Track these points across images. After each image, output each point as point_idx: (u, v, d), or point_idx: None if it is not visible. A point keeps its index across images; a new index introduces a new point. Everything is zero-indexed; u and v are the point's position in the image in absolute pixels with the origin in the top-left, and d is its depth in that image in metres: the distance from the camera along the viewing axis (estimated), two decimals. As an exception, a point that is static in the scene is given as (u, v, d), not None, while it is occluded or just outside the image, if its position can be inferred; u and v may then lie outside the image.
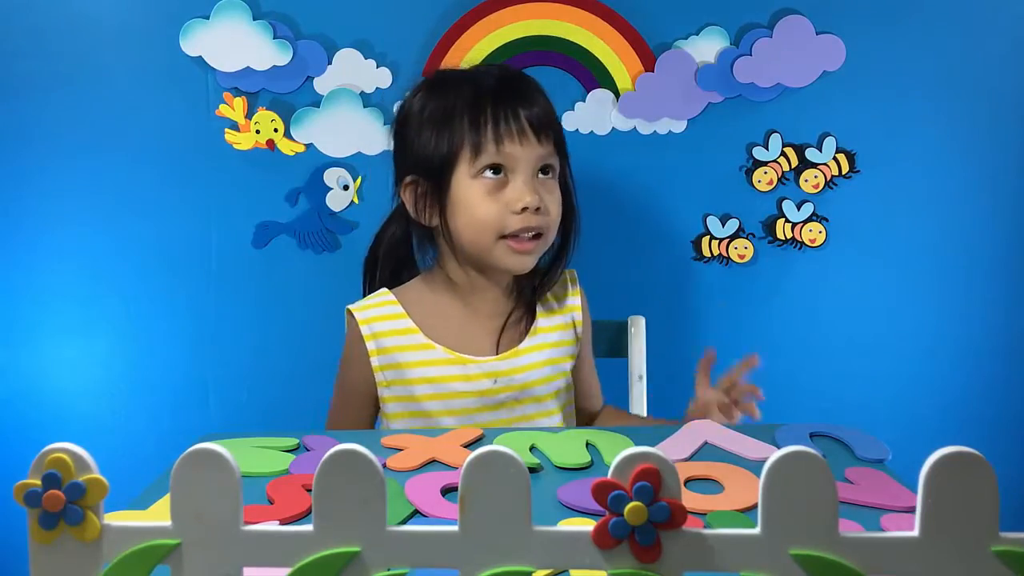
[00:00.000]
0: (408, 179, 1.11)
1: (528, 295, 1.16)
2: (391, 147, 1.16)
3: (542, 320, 1.15)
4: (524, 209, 1.06)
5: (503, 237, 1.07)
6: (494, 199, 1.06)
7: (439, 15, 1.42)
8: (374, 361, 1.12)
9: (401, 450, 0.91)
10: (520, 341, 1.14)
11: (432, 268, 1.17)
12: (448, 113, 1.07)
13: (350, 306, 1.16)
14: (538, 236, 1.08)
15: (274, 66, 1.42)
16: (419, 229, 1.15)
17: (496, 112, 1.06)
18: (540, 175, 1.08)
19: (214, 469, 0.48)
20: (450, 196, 1.08)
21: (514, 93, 1.08)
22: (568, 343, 1.17)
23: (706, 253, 1.48)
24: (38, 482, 0.48)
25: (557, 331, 1.16)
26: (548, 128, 1.09)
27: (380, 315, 1.14)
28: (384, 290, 1.17)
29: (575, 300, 1.18)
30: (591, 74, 1.44)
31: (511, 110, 1.06)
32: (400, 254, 1.19)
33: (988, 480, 0.45)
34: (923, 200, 1.47)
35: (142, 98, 1.44)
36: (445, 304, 1.15)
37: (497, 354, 1.12)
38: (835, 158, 1.45)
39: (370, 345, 1.12)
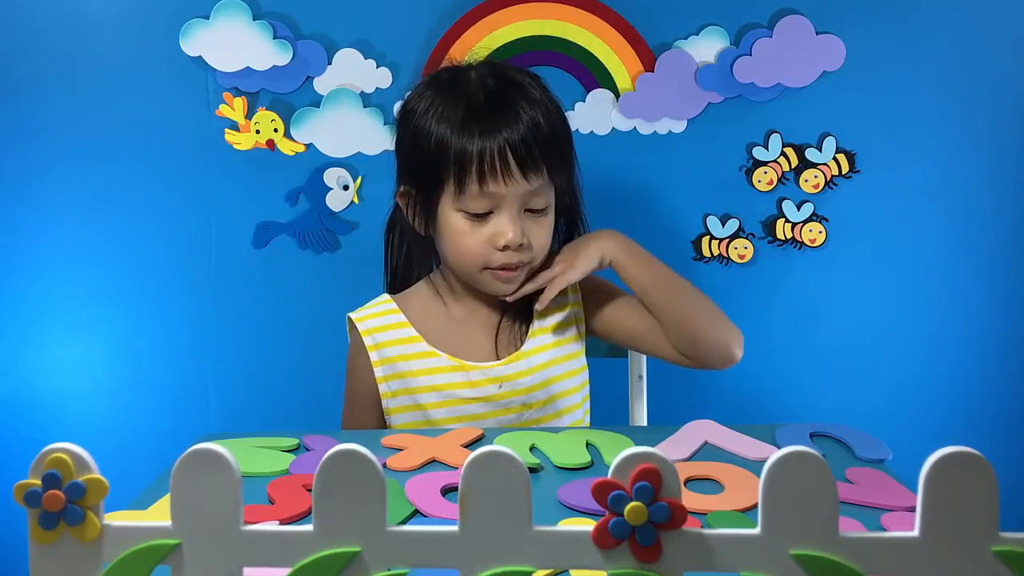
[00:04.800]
0: (402, 188, 1.10)
1: (523, 299, 1.13)
2: (395, 140, 1.14)
3: (539, 321, 1.14)
4: (506, 246, 1.03)
5: (487, 268, 1.06)
6: (477, 232, 1.04)
7: (439, 15, 1.42)
8: (378, 372, 1.11)
9: (401, 450, 0.91)
10: (520, 345, 1.13)
11: (435, 271, 1.16)
12: (440, 136, 1.03)
13: (351, 314, 1.14)
14: (522, 265, 1.07)
15: (274, 66, 1.42)
16: (415, 233, 1.13)
17: (482, 147, 1.01)
18: (527, 212, 1.05)
19: (214, 469, 0.48)
20: (437, 217, 1.06)
21: (502, 119, 1.02)
22: (572, 339, 1.15)
23: (706, 253, 1.48)
24: (38, 482, 0.48)
25: (555, 330, 1.14)
26: (540, 155, 1.03)
27: (382, 324, 1.13)
28: (385, 296, 1.16)
29: (575, 296, 1.16)
30: (591, 74, 1.44)
31: (497, 145, 1.01)
32: (412, 251, 1.17)
33: (988, 480, 0.45)
34: (923, 200, 1.47)
35: (142, 98, 1.44)
36: (445, 310, 1.14)
37: (498, 359, 1.12)
38: (835, 158, 1.45)
39: (373, 356, 1.11)
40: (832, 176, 1.46)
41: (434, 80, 1.11)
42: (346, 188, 1.46)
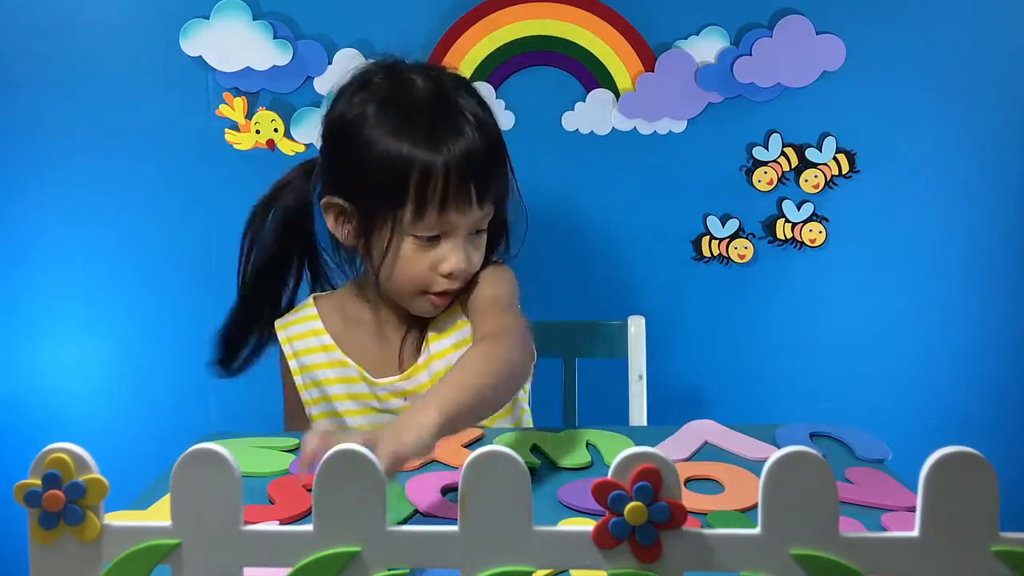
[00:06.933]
0: (336, 200, 1.02)
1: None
2: (320, 137, 1.06)
3: (433, 328, 1.08)
4: (451, 273, 1.01)
5: (425, 292, 1.03)
6: (423, 256, 1.00)
7: (439, 15, 1.42)
8: (297, 380, 1.10)
9: (401, 450, 0.91)
10: (417, 357, 1.07)
11: (360, 277, 1.10)
12: (401, 163, 0.96)
13: (276, 322, 1.12)
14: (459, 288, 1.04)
15: (274, 66, 1.42)
16: (336, 242, 1.07)
17: (447, 186, 0.96)
18: (472, 234, 1.02)
19: (214, 469, 0.48)
20: (378, 235, 1.00)
21: (473, 165, 0.98)
22: (468, 340, 1.05)
23: (706, 253, 1.48)
24: (38, 482, 0.48)
25: (453, 334, 1.08)
26: (494, 185, 1.01)
27: (301, 332, 1.11)
28: (308, 300, 1.13)
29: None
30: (591, 74, 1.44)
31: (463, 185, 0.97)
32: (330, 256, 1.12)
33: (988, 480, 0.45)
34: (923, 200, 1.47)
35: (142, 98, 1.44)
36: (360, 317, 1.10)
37: (401, 372, 1.07)
38: (835, 158, 1.45)
39: (293, 364, 1.10)
40: (832, 176, 1.46)
41: (369, 85, 1.02)
42: (346, 188, 1.45)
